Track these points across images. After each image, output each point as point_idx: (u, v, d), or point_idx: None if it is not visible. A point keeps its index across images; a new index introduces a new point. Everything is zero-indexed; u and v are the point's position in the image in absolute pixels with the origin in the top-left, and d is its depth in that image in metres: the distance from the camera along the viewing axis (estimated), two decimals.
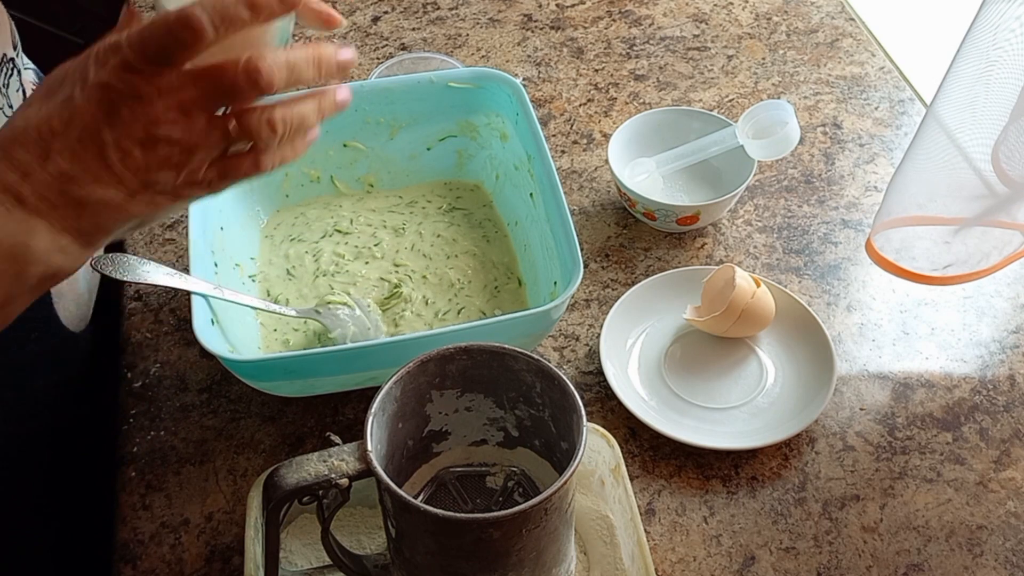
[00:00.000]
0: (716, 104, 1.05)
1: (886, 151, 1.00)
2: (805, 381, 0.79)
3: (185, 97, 0.53)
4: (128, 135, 0.52)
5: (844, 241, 0.92)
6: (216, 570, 0.70)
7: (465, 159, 0.92)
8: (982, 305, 0.87)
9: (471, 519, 0.54)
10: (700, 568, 0.70)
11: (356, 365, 0.72)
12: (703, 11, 1.17)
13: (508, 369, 0.60)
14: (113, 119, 0.52)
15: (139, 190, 0.53)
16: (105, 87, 0.52)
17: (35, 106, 0.53)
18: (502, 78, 0.86)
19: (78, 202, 0.52)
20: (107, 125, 0.52)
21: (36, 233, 0.52)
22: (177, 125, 0.53)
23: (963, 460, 0.76)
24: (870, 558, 0.71)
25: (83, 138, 0.52)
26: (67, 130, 0.52)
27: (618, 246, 0.91)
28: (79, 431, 0.86)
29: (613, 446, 0.70)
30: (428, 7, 1.17)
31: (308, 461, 0.55)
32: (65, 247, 0.53)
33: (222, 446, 0.77)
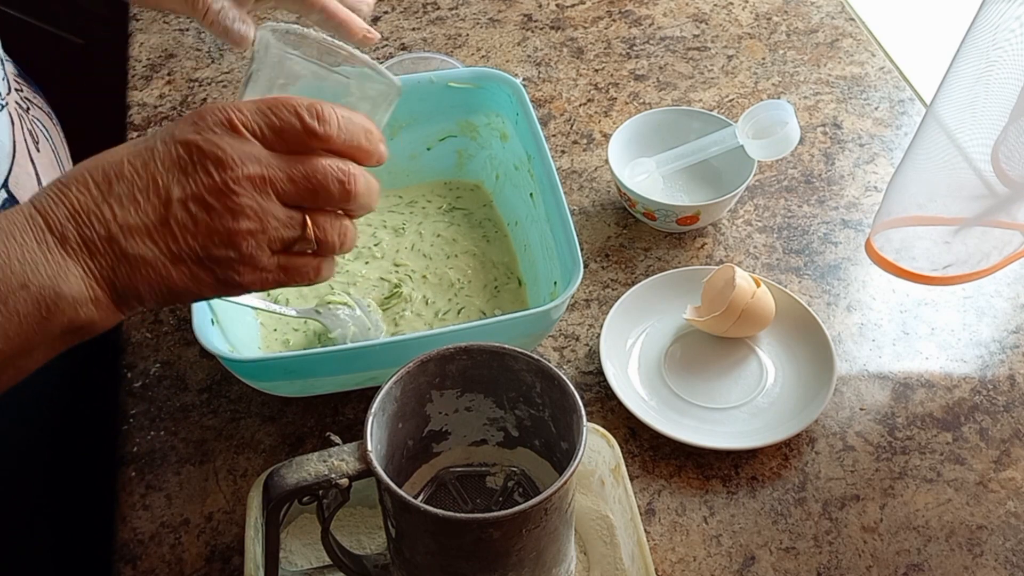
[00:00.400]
0: (716, 104, 1.05)
1: (886, 151, 1.00)
2: (805, 381, 0.79)
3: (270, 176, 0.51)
4: (197, 196, 0.50)
5: (844, 241, 0.92)
6: (216, 570, 0.70)
7: (465, 159, 0.92)
8: (982, 305, 0.87)
9: (471, 519, 0.54)
10: (700, 568, 0.70)
11: (356, 365, 0.72)
12: (703, 11, 1.17)
13: (508, 369, 0.60)
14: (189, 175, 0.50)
15: (187, 259, 0.51)
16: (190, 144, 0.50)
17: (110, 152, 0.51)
18: (502, 78, 0.86)
19: (121, 254, 0.50)
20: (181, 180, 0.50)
21: (68, 278, 0.49)
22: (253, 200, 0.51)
23: (963, 460, 0.76)
24: (870, 558, 0.71)
25: (150, 187, 0.50)
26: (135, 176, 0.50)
27: (618, 246, 0.91)
28: (79, 431, 0.86)
29: (613, 446, 0.70)
30: (428, 7, 1.17)
31: (308, 461, 0.55)
32: (95, 300, 0.50)
33: (222, 446, 0.77)
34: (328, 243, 0.54)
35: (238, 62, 1.08)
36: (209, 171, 0.50)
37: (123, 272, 0.50)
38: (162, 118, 1.03)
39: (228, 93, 1.06)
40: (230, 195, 0.50)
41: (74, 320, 0.50)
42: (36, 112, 0.74)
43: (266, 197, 0.51)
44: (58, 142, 0.75)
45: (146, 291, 0.51)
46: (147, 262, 0.50)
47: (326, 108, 0.54)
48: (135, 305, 0.52)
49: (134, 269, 0.50)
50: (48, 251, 0.49)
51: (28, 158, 0.69)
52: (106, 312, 0.51)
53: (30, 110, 0.73)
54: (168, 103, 1.05)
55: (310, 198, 0.53)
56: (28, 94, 0.75)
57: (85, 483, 0.85)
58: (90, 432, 0.86)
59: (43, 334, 0.50)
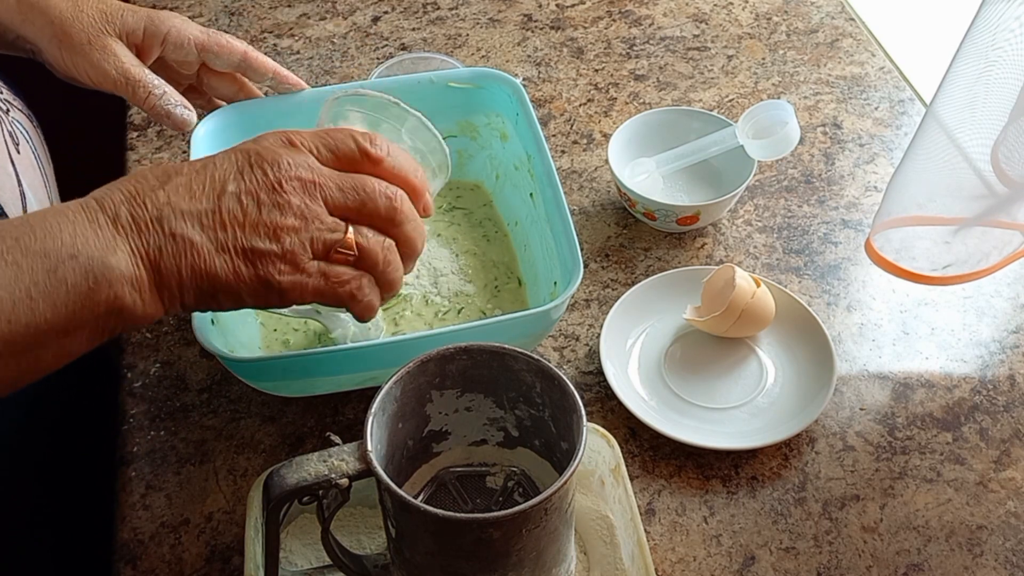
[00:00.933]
0: (716, 104, 1.05)
1: (886, 151, 1.00)
2: (805, 381, 0.79)
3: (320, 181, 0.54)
4: (250, 191, 0.53)
5: (844, 241, 0.92)
6: (216, 570, 0.70)
7: (465, 159, 0.92)
8: (982, 305, 0.87)
9: (471, 519, 0.54)
10: (700, 568, 0.70)
11: (356, 365, 0.72)
12: (703, 11, 1.17)
13: (508, 369, 0.60)
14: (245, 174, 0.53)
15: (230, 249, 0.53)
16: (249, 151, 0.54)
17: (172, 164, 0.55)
18: (502, 78, 0.86)
19: (168, 234, 0.52)
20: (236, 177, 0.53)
21: (116, 252, 0.51)
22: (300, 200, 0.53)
23: (963, 460, 0.76)
24: (870, 558, 0.71)
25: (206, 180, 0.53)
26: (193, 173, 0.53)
27: (618, 246, 0.91)
28: (79, 431, 0.86)
29: (613, 446, 0.70)
30: (428, 7, 1.17)
31: (308, 461, 0.55)
32: (139, 280, 0.52)
33: (222, 446, 0.77)
34: (370, 253, 0.56)
35: None
36: (264, 170, 0.53)
37: (168, 252, 0.52)
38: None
39: None
40: (280, 192, 0.53)
41: (119, 297, 0.51)
42: (16, 114, 0.74)
43: (314, 200, 0.54)
44: (38, 144, 0.76)
45: (188, 277, 0.53)
46: (193, 245, 0.52)
47: (379, 136, 0.58)
48: (176, 295, 0.53)
49: (179, 250, 0.52)
50: (99, 228, 0.51)
51: (8, 159, 0.70)
52: (148, 297, 0.52)
53: (10, 112, 0.73)
54: None
55: (356, 209, 0.56)
56: (8, 96, 0.75)
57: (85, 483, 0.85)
58: (90, 432, 0.86)
59: (89, 309, 0.51)
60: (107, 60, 0.73)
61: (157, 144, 1.01)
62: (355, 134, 0.57)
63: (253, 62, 0.81)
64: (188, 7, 1.16)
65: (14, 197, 0.69)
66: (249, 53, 0.80)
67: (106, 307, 0.51)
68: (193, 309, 0.55)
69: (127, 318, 0.52)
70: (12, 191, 0.68)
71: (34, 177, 0.72)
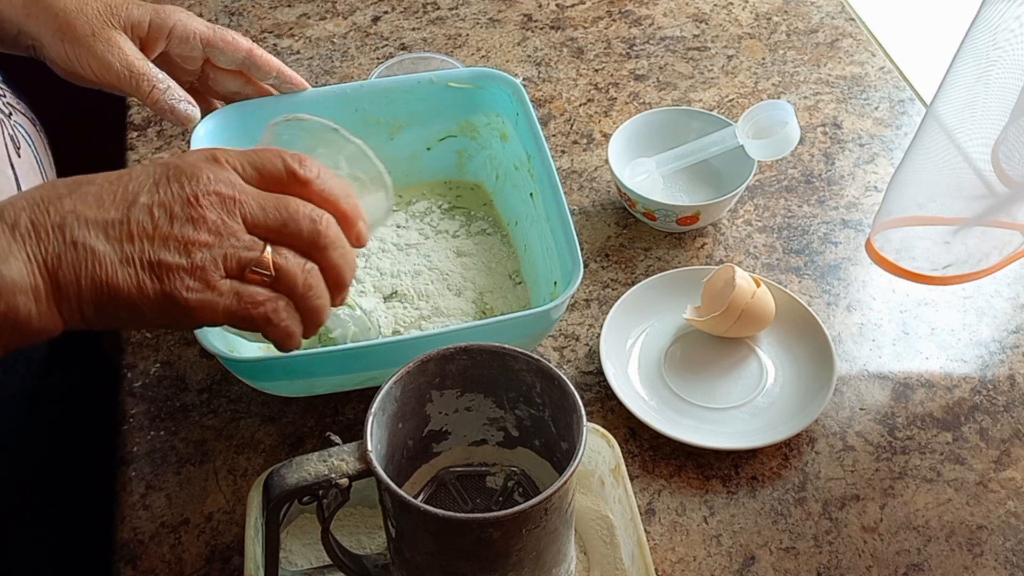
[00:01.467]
0: (716, 104, 1.05)
1: (886, 151, 1.00)
2: (805, 381, 0.79)
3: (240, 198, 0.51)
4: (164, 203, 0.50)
5: (844, 241, 0.92)
6: (216, 570, 0.70)
7: (465, 159, 0.92)
8: (982, 305, 0.87)
9: (471, 519, 0.54)
10: (700, 568, 0.70)
11: (356, 365, 0.72)
12: (703, 11, 1.17)
13: (508, 369, 0.60)
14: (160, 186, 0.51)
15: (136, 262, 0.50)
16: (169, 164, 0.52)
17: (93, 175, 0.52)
18: (502, 78, 0.86)
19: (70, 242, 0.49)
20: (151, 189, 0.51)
21: (10, 261, 0.48)
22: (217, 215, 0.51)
23: (963, 460, 0.76)
24: (870, 558, 0.71)
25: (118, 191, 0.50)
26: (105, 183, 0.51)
27: (618, 246, 0.91)
28: (79, 431, 0.86)
29: (613, 446, 0.70)
30: (428, 7, 1.17)
31: (308, 461, 0.55)
32: (35, 288, 0.49)
33: (222, 446, 0.77)
34: (288, 274, 0.53)
35: None
36: (181, 183, 0.51)
37: (68, 261, 0.49)
38: (162, 119, 1.03)
39: None
40: (195, 206, 0.50)
41: (12, 308, 0.48)
42: (18, 118, 0.74)
43: (231, 216, 0.51)
44: (40, 148, 0.76)
45: (87, 288, 0.49)
46: (95, 254, 0.49)
47: (308, 158, 0.55)
48: (75, 308, 0.50)
49: (79, 259, 0.49)
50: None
51: (8, 163, 0.69)
52: (44, 309, 0.49)
53: (12, 115, 0.73)
54: None
55: (277, 229, 0.52)
56: (11, 100, 0.75)
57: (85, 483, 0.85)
58: (90, 432, 0.86)
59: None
60: (111, 52, 0.73)
61: (157, 144, 1.01)
62: (283, 154, 0.54)
63: (257, 60, 0.80)
64: (188, 7, 1.16)
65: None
66: (254, 51, 0.80)
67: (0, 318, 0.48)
68: (97, 325, 0.52)
69: (22, 330, 0.49)
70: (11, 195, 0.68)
71: (35, 181, 0.72)
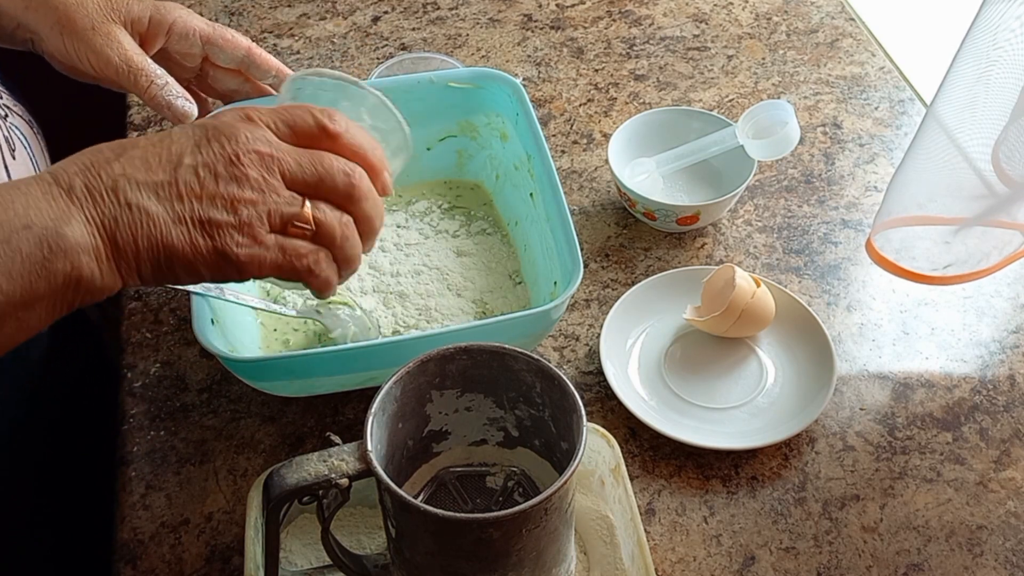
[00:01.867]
0: (716, 104, 1.05)
1: (886, 151, 1.00)
2: (805, 381, 0.79)
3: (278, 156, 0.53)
4: (207, 163, 0.52)
5: (844, 241, 0.92)
6: (216, 570, 0.70)
7: (465, 159, 0.92)
8: (982, 305, 0.87)
9: (471, 519, 0.54)
10: (700, 568, 0.70)
11: (356, 365, 0.72)
12: (703, 11, 1.17)
13: (508, 369, 0.60)
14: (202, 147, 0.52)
15: (187, 220, 0.52)
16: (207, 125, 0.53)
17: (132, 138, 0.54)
18: (502, 78, 0.86)
19: (124, 203, 0.51)
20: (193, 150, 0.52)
21: (71, 223, 0.50)
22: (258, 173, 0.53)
23: (963, 460, 0.76)
24: (870, 558, 0.71)
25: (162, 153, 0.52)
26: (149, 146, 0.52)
27: (618, 246, 0.91)
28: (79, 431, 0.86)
29: (613, 446, 0.70)
30: (428, 7, 1.17)
31: (308, 461, 0.55)
32: (96, 250, 0.51)
33: (222, 446, 0.77)
34: (327, 228, 0.55)
35: None
36: (222, 143, 0.53)
37: (124, 222, 0.51)
38: (162, 118, 1.03)
39: None
40: (237, 165, 0.52)
41: (76, 268, 0.50)
42: (14, 120, 0.74)
43: (271, 173, 0.53)
44: (37, 151, 0.76)
45: (144, 248, 0.51)
46: (149, 215, 0.51)
47: (337, 113, 0.57)
48: (133, 267, 0.52)
49: (135, 220, 0.51)
50: (52, 199, 0.50)
51: (2, 165, 0.69)
52: (106, 268, 0.51)
53: (8, 117, 0.73)
54: None
55: (314, 184, 0.55)
56: (8, 102, 0.75)
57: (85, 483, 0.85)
58: (90, 432, 0.86)
59: (46, 280, 0.50)
60: (110, 46, 0.73)
61: None
62: (313, 110, 0.56)
63: (256, 59, 0.80)
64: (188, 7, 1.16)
65: None
66: (253, 50, 0.80)
67: (63, 278, 0.50)
68: (152, 283, 0.54)
69: (85, 289, 0.51)
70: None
71: None
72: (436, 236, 0.88)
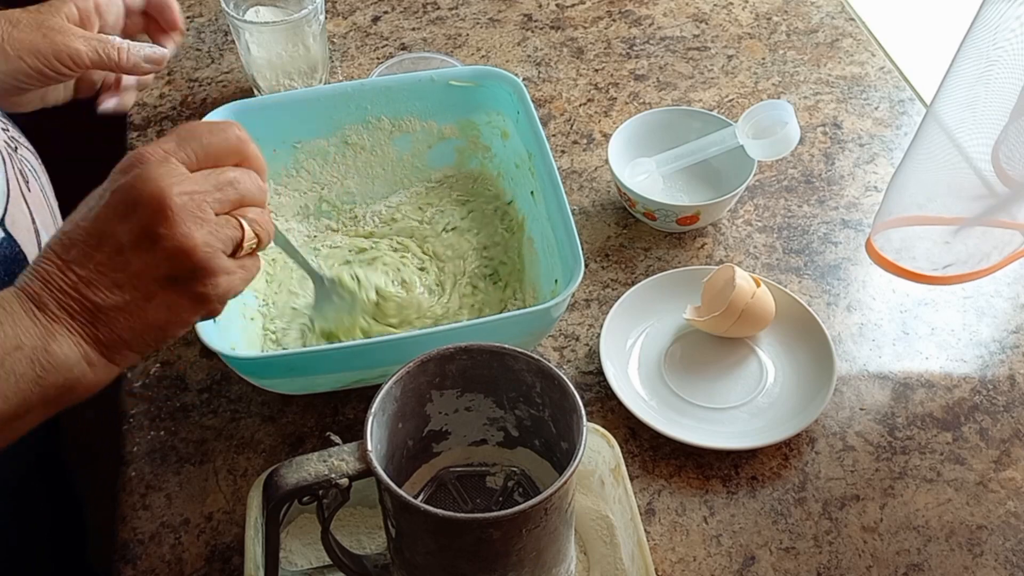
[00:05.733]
0: (716, 104, 1.05)
1: (886, 151, 1.00)
2: (805, 381, 0.79)
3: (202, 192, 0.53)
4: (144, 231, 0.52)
5: (844, 241, 0.92)
6: (216, 570, 0.70)
7: (466, 157, 0.92)
8: (982, 305, 0.87)
9: (471, 519, 0.54)
10: (700, 568, 0.70)
11: (357, 363, 0.72)
12: (703, 11, 1.17)
13: (508, 369, 0.60)
14: (129, 214, 0.52)
15: (156, 291, 0.52)
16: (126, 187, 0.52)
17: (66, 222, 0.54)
18: (503, 76, 0.86)
19: (95, 309, 0.52)
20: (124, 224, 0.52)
21: (57, 338, 0.52)
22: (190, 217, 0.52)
23: (963, 460, 0.76)
24: (870, 558, 0.71)
25: (100, 241, 0.52)
26: (86, 236, 0.52)
27: (618, 246, 0.91)
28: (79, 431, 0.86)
29: (613, 446, 0.70)
30: (428, 7, 1.17)
31: (308, 461, 0.55)
32: (87, 357, 0.52)
33: (222, 446, 0.77)
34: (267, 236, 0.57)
35: (238, 62, 1.08)
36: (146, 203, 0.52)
37: (102, 322, 0.52)
38: (162, 118, 1.03)
39: (228, 93, 1.06)
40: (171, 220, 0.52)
41: (69, 378, 0.52)
42: (23, 152, 0.75)
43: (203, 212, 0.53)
44: (44, 182, 0.76)
45: (131, 336, 0.53)
46: (120, 308, 0.52)
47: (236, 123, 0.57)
48: (126, 353, 0.54)
49: (111, 318, 0.52)
50: (35, 318, 0.52)
51: (21, 196, 0.70)
52: (100, 367, 0.53)
53: (18, 150, 0.73)
54: (168, 103, 1.05)
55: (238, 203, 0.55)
56: (15, 134, 0.75)
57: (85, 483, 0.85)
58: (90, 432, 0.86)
59: (39, 394, 0.52)
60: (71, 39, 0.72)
61: None
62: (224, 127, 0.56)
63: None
64: (188, 7, 1.16)
65: (30, 237, 0.69)
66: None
67: (57, 389, 0.52)
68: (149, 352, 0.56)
69: (82, 390, 0.54)
70: (28, 231, 0.69)
71: (44, 217, 0.73)
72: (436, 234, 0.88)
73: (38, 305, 0.52)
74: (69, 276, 0.52)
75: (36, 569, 0.82)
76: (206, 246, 0.52)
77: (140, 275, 0.52)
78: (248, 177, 0.56)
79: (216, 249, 0.53)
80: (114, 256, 0.52)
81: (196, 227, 0.52)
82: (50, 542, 0.84)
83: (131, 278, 0.52)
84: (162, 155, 0.53)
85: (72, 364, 0.52)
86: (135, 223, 0.52)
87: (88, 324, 0.52)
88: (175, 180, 0.52)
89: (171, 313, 0.54)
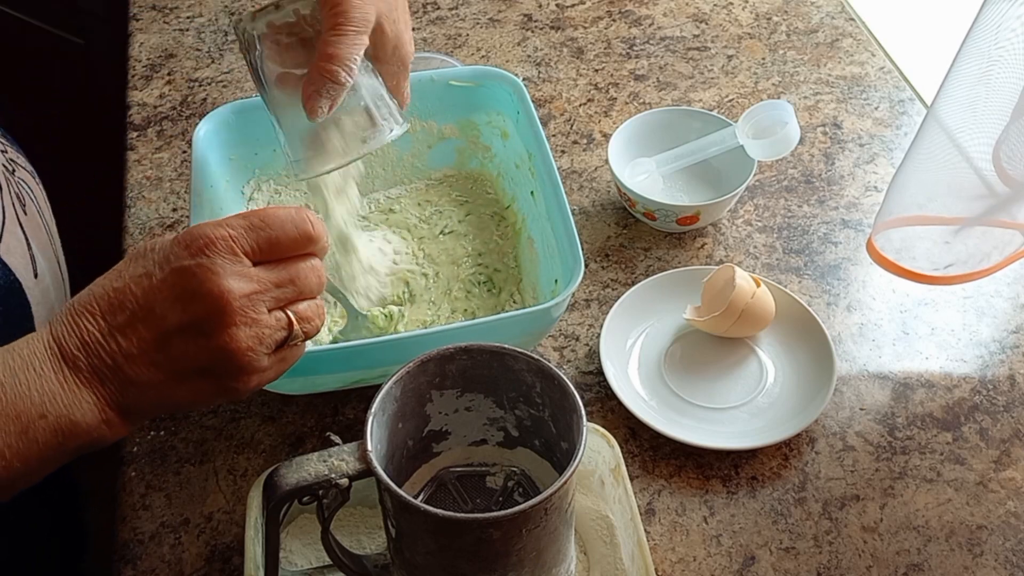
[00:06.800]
0: (716, 104, 1.05)
1: (886, 151, 1.00)
2: (805, 381, 0.79)
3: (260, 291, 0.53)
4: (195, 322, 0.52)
5: (844, 241, 0.91)
6: (216, 570, 0.70)
7: (466, 157, 0.92)
8: (982, 305, 0.87)
9: (471, 519, 0.54)
10: (700, 568, 0.70)
11: (357, 363, 0.72)
12: (703, 11, 1.17)
13: (508, 369, 0.60)
14: (187, 303, 0.52)
15: (189, 377, 0.53)
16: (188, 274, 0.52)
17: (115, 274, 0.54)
18: (503, 76, 0.86)
19: (127, 381, 0.53)
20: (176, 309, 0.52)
21: (82, 406, 0.52)
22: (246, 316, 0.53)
23: (963, 460, 0.76)
24: (870, 558, 0.71)
25: (148, 317, 0.52)
26: (136, 306, 0.53)
27: (618, 246, 0.91)
28: None
29: (613, 446, 0.70)
30: (428, 7, 1.17)
31: (308, 461, 0.55)
32: (107, 420, 0.53)
33: (222, 446, 0.77)
34: (314, 330, 0.58)
35: (238, 62, 1.08)
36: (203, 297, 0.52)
37: (131, 395, 0.53)
38: (162, 118, 1.03)
39: (228, 93, 1.06)
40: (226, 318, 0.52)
41: (88, 441, 0.54)
42: (21, 173, 0.75)
43: (257, 311, 0.53)
44: (42, 202, 0.76)
45: (151, 408, 0.55)
46: (152, 385, 0.53)
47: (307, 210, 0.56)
48: (143, 420, 0.57)
49: (141, 392, 0.53)
50: (64, 380, 0.52)
51: (17, 223, 0.70)
52: (116, 426, 0.54)
53: (15, 172, 0.73)
54: (168, 103, 1.05)
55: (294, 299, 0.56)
56: (12, 155, 0.75)
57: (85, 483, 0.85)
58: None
59: (57, 458, 0.53)
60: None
61: (157, 144, 1.01)
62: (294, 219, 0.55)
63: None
64: (188, 7, 1.16)
65: (25, 263, 0.69)
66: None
67: (75, 451, 0.54)
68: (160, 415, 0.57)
69: (96, 447, 0.55)
70: (23, 257, 0.69)
71: (41, 238, 0.73)
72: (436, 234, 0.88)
73: (72, 367, 0.52)
74: (110, 345, 0.52)
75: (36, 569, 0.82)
76: (250, 351, 0.53)
77: (178, 360, 0.53)
78: (311, 273, 0.56)
79: (260, 353, 0.54)
80: (159, 337, 0.52)
81: (246, 330, 0.53)
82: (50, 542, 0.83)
83: (170, 361, 0.53)
84: (230, 247, 0.53)
85: (93, 428, 0.53)
86: (190, 314, 0.52)
87: (116, 392, 0.53)
88: (239, 283, 0.52)
89: (196, 396, 0.55)
